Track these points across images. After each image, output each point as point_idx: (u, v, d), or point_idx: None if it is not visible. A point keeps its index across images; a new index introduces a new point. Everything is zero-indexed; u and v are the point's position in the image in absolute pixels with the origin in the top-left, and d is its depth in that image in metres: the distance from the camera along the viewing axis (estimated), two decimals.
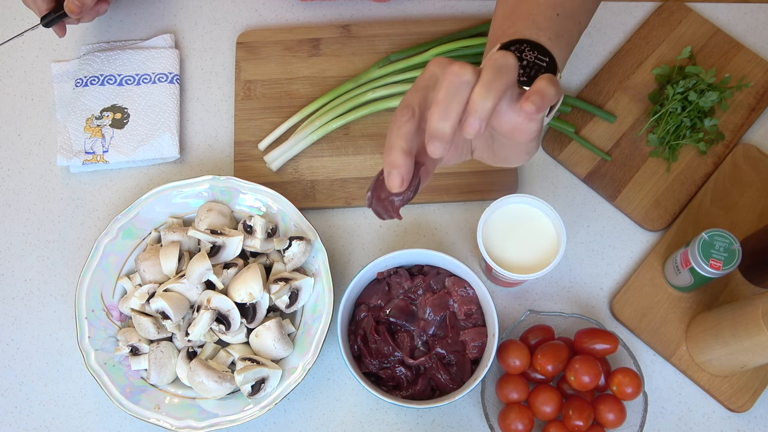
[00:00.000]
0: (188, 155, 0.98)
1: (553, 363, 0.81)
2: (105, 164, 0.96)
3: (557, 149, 0.95)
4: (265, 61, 1.00)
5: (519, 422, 0.80)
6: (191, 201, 0.91)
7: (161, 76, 0.99)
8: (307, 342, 0.84)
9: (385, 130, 0.96)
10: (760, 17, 1.02)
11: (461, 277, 0.85)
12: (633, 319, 0.88)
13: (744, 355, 0.78)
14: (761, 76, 0.98)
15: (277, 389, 0.82)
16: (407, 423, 0.86)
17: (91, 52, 1.02)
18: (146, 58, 1.00)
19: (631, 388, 0.80)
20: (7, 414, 0.88)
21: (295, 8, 1.04)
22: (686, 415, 0.86)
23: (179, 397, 0.84)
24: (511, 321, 0.89)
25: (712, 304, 0.88)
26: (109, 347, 0.85)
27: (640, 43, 1.00)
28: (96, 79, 0.99)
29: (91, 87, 0.98)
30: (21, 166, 0.98)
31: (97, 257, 0.87)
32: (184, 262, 0.86)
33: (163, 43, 1.02)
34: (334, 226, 0.94)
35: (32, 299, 0.92)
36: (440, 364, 0.82)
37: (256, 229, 0.85)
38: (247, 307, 0.84)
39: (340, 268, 0.93)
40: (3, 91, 1.01)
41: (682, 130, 0.93)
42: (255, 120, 0.97)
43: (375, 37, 1.01)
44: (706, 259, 0.80)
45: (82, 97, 0.98)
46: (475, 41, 0.96)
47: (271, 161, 0.94)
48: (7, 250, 0.94)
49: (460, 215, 0.94)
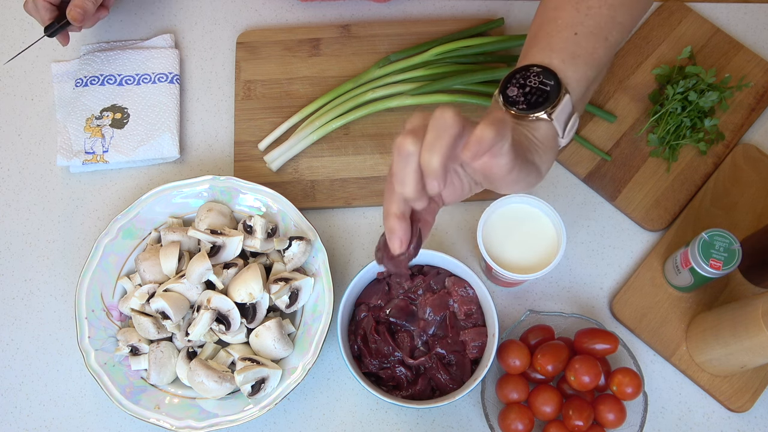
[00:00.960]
0: (188, 155, 0.98)
1: (553, 363, 0.81)
2: (105, 164, 0.96)
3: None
4: (265, 61, 1.00)
5: (519, 422, 0.80)
6: (191, 201, 0.91)
7: (161, 76, 0.99)
8: (307, 342, 0.84)
9: (385, 130, 0.96)
10: (760, 17, 1.02)
11: (461, 277, 0.85)
12: (633, 319, 0.88)
13: (744, 355, 0.78)
14: (761, 76, 0.98)
15: (277, 389, 0.82)
16: (407, 423, 0.86)
17: (91, 52, 1.02)
18: (146, 58, 1.00)
19: (631, 388, 0.80)
20: (7, 414, 0.88)
21: (295, 8, 1.04)
22: (686, 415, 0.86)
23: (179, 397, 0.84)
24: (511, 321, 0.89)
25: (712, 304, 0.88)
26: (109, 347, 0.85)
27: (640, 43, 1.00)
28: (96, 79, 0.99)
29: (91, 87, 0.98)
30: (21, 166, 0.98)
31: (97, 257, 0.87)
32: (184, 262, 0.86)
33: (163, 43, 1.02)
34: (334, 226, 0.94)
35: (32, 299, 0.92)
36: (440, 364, 0.82)
37: (256, 229, 0.85)
38: (247, 307, 0.84)
39: (340, 268, 0.93)
40: (3, 91, 1.01)
41: (682, 130, 0.93)
42: (255, 120, 0.97)
43: (375, 37, 1.01)
44: (706, 259, 0.80)
45: (82, 97, 0.98)
46: (475, 41, 0.96)
47: (271, 161, 0.94)
48: (7, 250, 0.94)
49: (460, 215, 0.94)
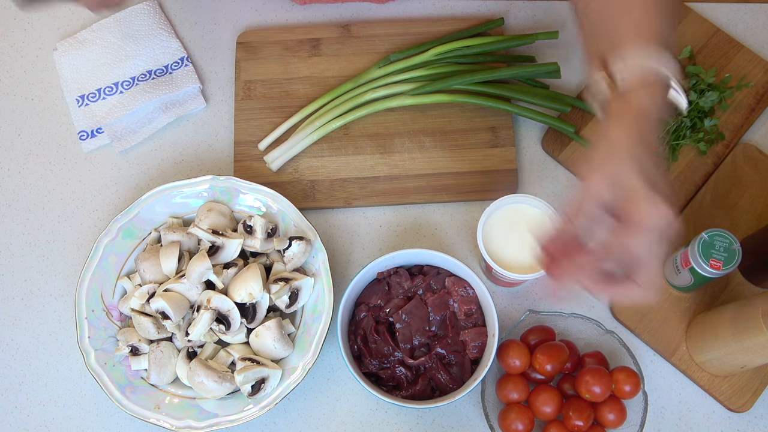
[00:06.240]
0: (188, 155, 0.98)
1: (553, 363, 0.81)
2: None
3: (557, 149, 0.95)
4: (265, 61, 1.00)
5: (519, 422, 0.80)
6: (191, 201, 0.91)
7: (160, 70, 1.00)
8: (307, 342, 0.84)
9: (385, 130, 0.96)
10: (760, 17, 1.02)
11: (461, 277, 0.85)
12: (633, 319, 0.88)
13: (744, 355, 0.78)
14: (761, 76, 0.98)
15: (277, 389, 0.82)
16: (407, 423, 0.86)
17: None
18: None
19: (629, 386, 0.80)
20: (7, 414, 0.88)
21: (295, 8, 1.04)
22: (686, 415, 0.86)
23: (179, 397, 0.84)
24: (511, 321, 0.89)
25: (712, 304, 0.88)
26: (109, 347, 0.85)
27: None
28: (94, 95, 0.99)
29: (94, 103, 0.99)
30: (21, 166, 0.98)
31: (97, 257, 0.87)
32: (184, 262, 0.86)
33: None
34: (334, 226, 0.94)
35: (32, 299, 0.92)
36: (440, 364, 0.82)
37: (256, 229, 0.85)
38: (247, 307, 0.84)
39: (340, 268, 0.93)
40: (3, 91, 1.01)
41: (682, 130, 0.93)
42: (255, 120, 0.97)
43: (375, 37, 1.01)
44: (706, 259, 0.80)
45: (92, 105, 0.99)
46: (475, 41, 0.96)
47: (271, 161, 0.94)
48: (7, 250, 0.94)
49: (460, 215, 0.94)
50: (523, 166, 0.96)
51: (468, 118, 0.96)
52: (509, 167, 0.94)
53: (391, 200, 0.94)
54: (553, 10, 1.03)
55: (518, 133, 0.97)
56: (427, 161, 0.95)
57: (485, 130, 0.96)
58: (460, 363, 0.83)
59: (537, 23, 1.02)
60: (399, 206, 0.95)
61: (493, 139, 0.95)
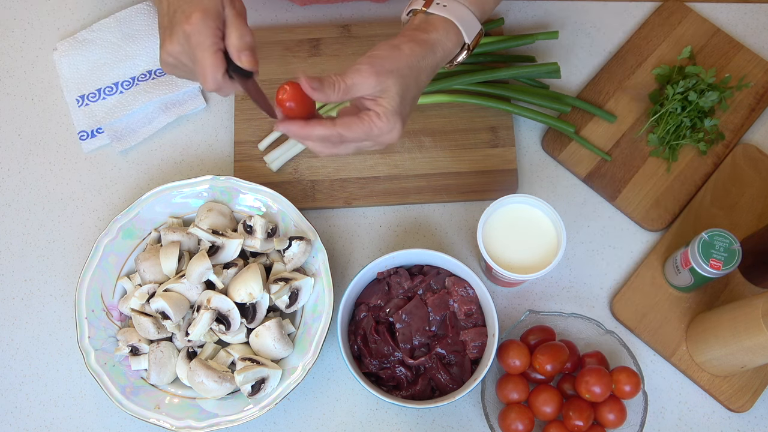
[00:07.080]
0: (188, 155, 0.98)
1: (553, 363, 0.81)
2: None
3: (557, 149, 0.95)
4: (265, 61, 1.00)
5: (519, 422, 0.80)
6: (191, 201, 0.91)
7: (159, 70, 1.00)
8: (307, 342, 0.84)
9: None
10: (760, 17, 1.02)
11: (461, 277, 0.85)
12: (633, 319, 0.88)
13: (744, 355, 0.78)
14: (761, 76, 0.98)
15: (277, 389, 0.82)
16: (407, 423, 0.86)
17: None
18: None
19: (629, 386, 0.80)
20: (7, 414, 0.88)
21: (295, 8, 1.04)
22: (686, 415, 0.86)
23: (179, 397, 0.84)
24: (511, 321, 0.89)
25: (712, 304, 0.88)
26: (109, 347, 0.85)
27: (640, 43, 1.00)
28: (94, 95, 0.99)
29: (93, 103, 0.99)
30: (21, 166, 0.98)
31: (97, 257, 0.87)
32: (184, 262, 0.86)
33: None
34: (334, 226, 0.94)
35: (32, 299, 0.92)
36: (440, 364, 0.82)
37: (256, 229, 0.85)
38: (247, 307, 0.84)
39: (340, 268, 0.93)
40: (3, 91, 1.01)
41: (682, 130, 0.93)
42: (255, 120, 0.97)
43: (375, 37, 1.01)
44: (706, 259, 0.80)
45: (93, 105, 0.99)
46: None
47: (271, 161, 0.94)
48: (7, 250, 0.94)
49: (460, 215, 0.94)
50: (523, 166, 0.96)
51: (468, 118, 0.96)
52: (509, 167, 0.94)
53: (391, 200, 0.94)
54: (553, 10, 1.03)
55: (518, 133, 0.97)
56: (427, 161, 0.95)
57: (485, 130, 0.96)
58: (460, 363, 0.83)
59: (537, 23, 1.02)
60: (399, 206, 0.95)
61: (493, 139, 0.95)
